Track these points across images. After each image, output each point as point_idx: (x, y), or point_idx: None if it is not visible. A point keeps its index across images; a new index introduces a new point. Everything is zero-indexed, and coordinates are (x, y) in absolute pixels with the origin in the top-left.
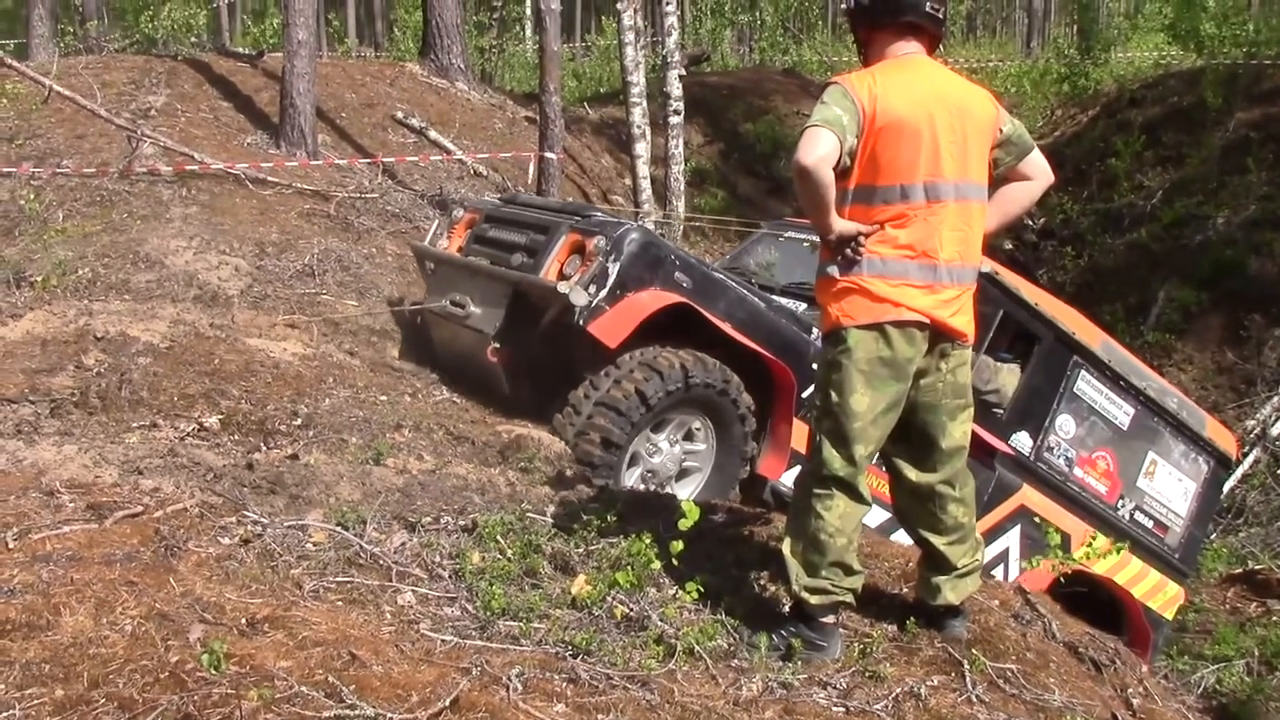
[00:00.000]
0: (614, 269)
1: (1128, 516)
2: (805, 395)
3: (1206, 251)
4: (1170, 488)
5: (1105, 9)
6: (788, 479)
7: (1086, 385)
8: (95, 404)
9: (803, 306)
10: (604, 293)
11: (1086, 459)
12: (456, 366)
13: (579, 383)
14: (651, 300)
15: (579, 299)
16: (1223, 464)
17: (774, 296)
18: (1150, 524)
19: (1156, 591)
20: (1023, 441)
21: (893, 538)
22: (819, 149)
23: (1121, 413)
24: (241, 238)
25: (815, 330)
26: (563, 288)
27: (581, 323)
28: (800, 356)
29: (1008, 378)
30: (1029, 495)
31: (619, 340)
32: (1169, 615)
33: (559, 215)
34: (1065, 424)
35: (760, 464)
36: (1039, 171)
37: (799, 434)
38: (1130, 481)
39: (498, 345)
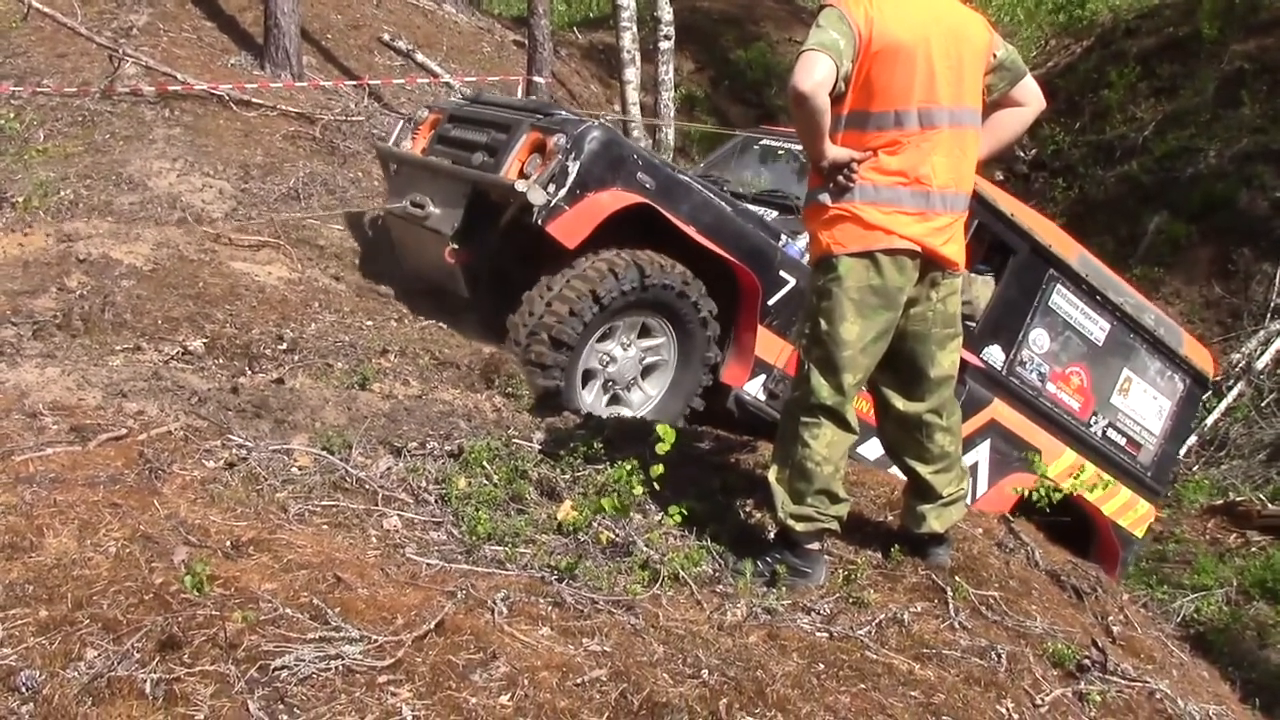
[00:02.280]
0: (574, 168)
1: (1100, 433)
2: (771, 303)
3: (1197, 184)
4: (1145, 405)
5: None
6: (752, 388)
7: (1062, 299)
8: (78, 326)
9: (774, 214)
10: (563, 192)
11: (1060, 374)
12: (417, 270)
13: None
14: (612, 200)
15: (537, 198)
16: (1199, 382)
17: (744, 204)
18: (1123, 441)
19: (1127, 509)
20: (995, 355)
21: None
22: (816, 74)
23: (1097, 328)
24: (226, 160)
25: (784, 238)
26: (520, 186)
27: (540, 222)
28: (767, 262)
29: (982, 289)
30: (1000, 410)
31: (577, 241)
32: (1139, 533)
33: (521, 113)
34: (1039, 338)
35: (724, 372)
36: (1031, 97)
37: (764, 342)
38: (1104, 398)
39: (456, 246)
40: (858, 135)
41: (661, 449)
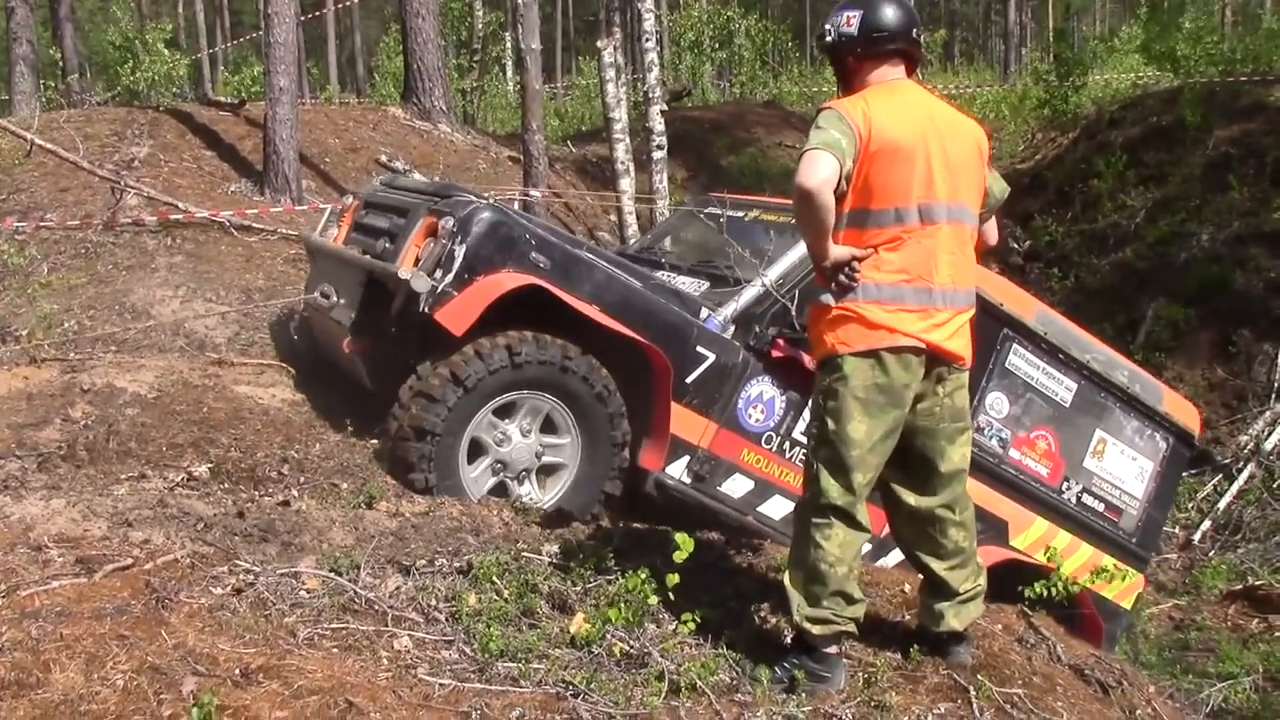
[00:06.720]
0: (460, 251)
1: (1074, 499)
2: (689, 380)
3: (1192, 268)
4: (1123, 467)
5: (1080, 33)
6: (674, 470)
7: (1020, 360)
8: (83, 456)
9: (705, 285)
10: (450, 277)
11: (1024, 439)
12: (331, 362)
13: None
14: (504, 281)
15: (420, 285)
16: (1184, 441)
17: (676, 276)
18: (1101, 507)
19: (1111, 579)
20: None
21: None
22: (820, 171)
23: (1062, 388)
24: (228, 285)
25: (705, 311)
26: (404, 273)
27: (427, 310)
28: (681, 339)
29: None
30: None
31: (464, 327)
32: (1126, 604)
33: (421, 197)
34: (997, 402)
35: (641, 456)
36: (990, 232)
37: (683, 421)
38: (1075, 462)
39: (351, 337)
40: (858, 233)
41: (679, 557)
